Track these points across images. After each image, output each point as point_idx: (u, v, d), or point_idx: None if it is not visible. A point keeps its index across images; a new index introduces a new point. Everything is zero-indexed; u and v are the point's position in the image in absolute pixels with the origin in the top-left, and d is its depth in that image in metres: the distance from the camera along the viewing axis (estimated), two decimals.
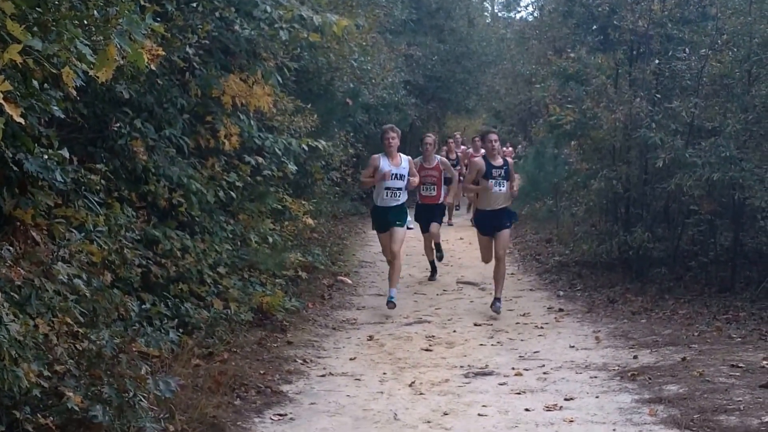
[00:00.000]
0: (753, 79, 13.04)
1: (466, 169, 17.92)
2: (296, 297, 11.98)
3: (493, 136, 13.01)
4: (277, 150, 12.31)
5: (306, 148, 13.16)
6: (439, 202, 15.86)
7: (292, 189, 14.57)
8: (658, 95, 14.63)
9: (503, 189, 12.66)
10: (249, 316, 10.31)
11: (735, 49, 13.34)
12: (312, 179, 16.59)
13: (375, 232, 13.79)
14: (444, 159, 16.65)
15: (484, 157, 13.10)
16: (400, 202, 13.06)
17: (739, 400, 7.65)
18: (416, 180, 13.62)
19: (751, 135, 12.80)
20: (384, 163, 12.96)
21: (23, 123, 5.73)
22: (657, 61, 15.43)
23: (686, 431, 7.09)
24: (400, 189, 12.99)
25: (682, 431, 7.10)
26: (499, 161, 12.78)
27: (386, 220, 13.09)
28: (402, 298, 12.32)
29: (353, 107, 19.13)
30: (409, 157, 13.51)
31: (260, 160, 12.13)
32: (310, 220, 14.67)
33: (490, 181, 12.59)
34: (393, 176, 12.89)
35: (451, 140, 26.07)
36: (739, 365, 8.82)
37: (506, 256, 13.20)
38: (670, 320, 11.66)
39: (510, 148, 29.32)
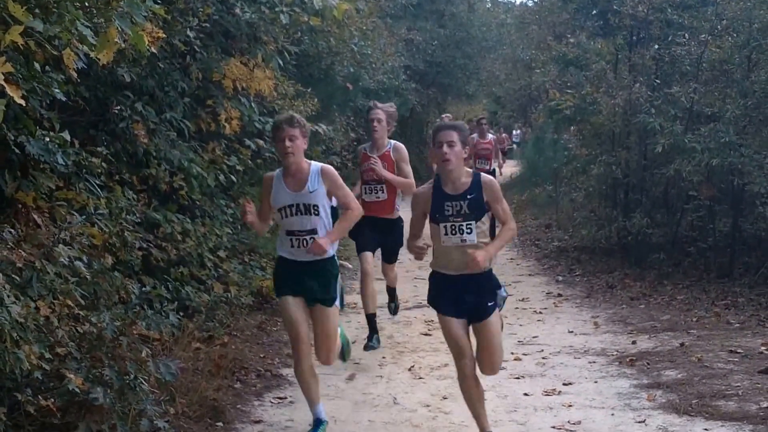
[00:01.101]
0: (752, 65, 13.05)
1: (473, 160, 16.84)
2: None
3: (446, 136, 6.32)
4: None
5: None
6: (394, 215, 9.83)
7: None
8: (658, 80, 14.63)
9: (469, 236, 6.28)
10: (249, 299, 10.33)
11: (735, 35, 13.34)
12: None
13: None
14: (400, 145, 9.87)
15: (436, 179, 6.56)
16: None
17: (738, 386, 7.68)
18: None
19: (750, 120, 12.81)
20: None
21: (25, 105, 5.73)
22: (657, 47, 15.40)
23: (684, 416, 7.13)
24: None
25: (680, 416, 7.13)
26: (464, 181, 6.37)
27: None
28: (402, 283, 12.29)
29: (353, 92, 19.10)
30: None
31: (261, 143, 12.13)
32: None
33: (441, 225, 6.35)
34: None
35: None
36: (738, 351, 8.85)
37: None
38: (668, 306, 11.69)
39: (504, 134, 28.73)
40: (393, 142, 9.77)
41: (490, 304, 6.40)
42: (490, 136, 18.87)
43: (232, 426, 7.01)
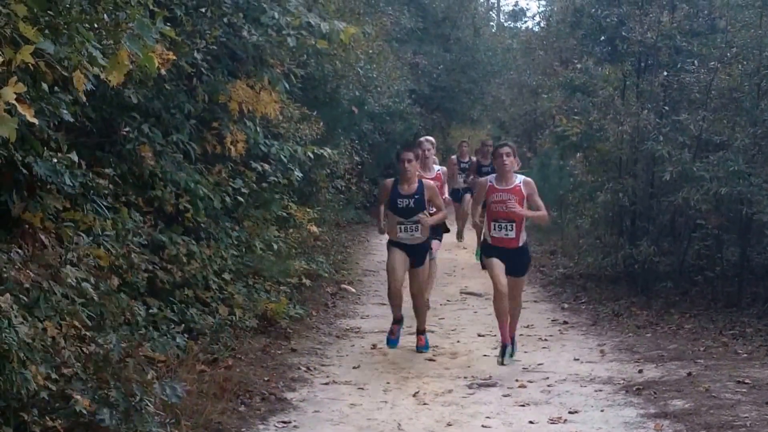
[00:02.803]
0: (762, 93, 13.02)
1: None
2: (300, 304, 11.96)
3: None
4: (282, 157, 12.31)
5: (311, 155, 13.14)
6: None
7: (296, 196, 14.58)
8: (666, 108, 14.62)
9: None
10: (253, 322, 10.31)
11: (744, 63, 13.33)
12: (317, 187, 16.60)
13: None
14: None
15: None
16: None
17: (746, 417, 7.61)
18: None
19: (759, 149, 12.77)
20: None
21: (34, 125, 5.73)
22: (665, 74, 15.41)
23: None
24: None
25: None
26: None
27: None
28: (405, 308, 12.27)
29: (358, 115, 19.15)
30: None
31: (266, 166, 12.13)
32: (314, 228, 14.67)
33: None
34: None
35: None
36: (746, 381, 8.78)
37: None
38: (675, 335, 11.62)
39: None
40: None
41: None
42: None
43: None
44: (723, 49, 13.76)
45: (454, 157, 19.76)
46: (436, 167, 12.55)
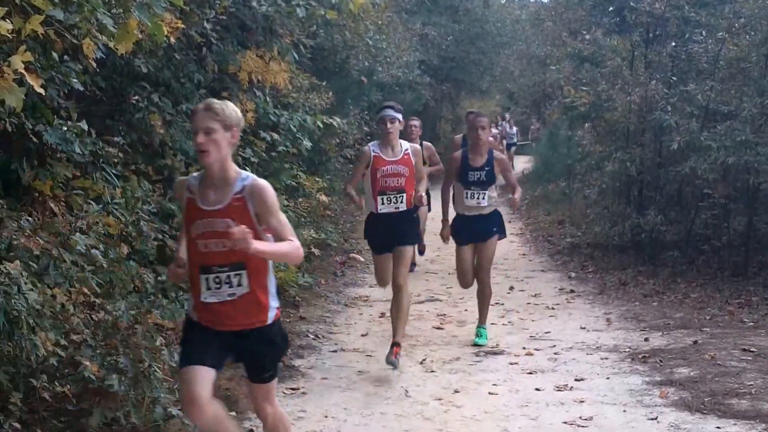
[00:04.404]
0: None
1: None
2: (309, 273, 12.01)
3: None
4: (292, 127, 12.34)
5: (321, 125, 13.16)
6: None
7: (306, 166, 14.61)
8: (674, 78, 14.59)
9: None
10: None
11: (752, 33, 13.30)
12: (326, 156, 16.62)
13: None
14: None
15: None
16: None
17: (751, 384, 7.66)
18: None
19: (766, 119, 12.75)
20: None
21: (42, 94, 5.77)
22: (673, 44, 15.38)
23: (697, 414, 7.10)
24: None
25: (692, 414, 7.11)
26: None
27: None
28: (413, 277, 12.28)
29: (368, 86, 19.14)
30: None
31: (275, 136, 12.15)
32: (323, 197, 14.70)
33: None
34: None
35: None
36: (751, 350, 8.82)
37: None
38: (681, 304, 11.66)
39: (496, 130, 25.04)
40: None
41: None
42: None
43: (245, 416, 7.01)
44: (731, 20, 13.72)
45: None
46: (405, 144, 8.94)
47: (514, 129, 33.42)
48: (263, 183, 4.81)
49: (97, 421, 5.75)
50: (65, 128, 6.94)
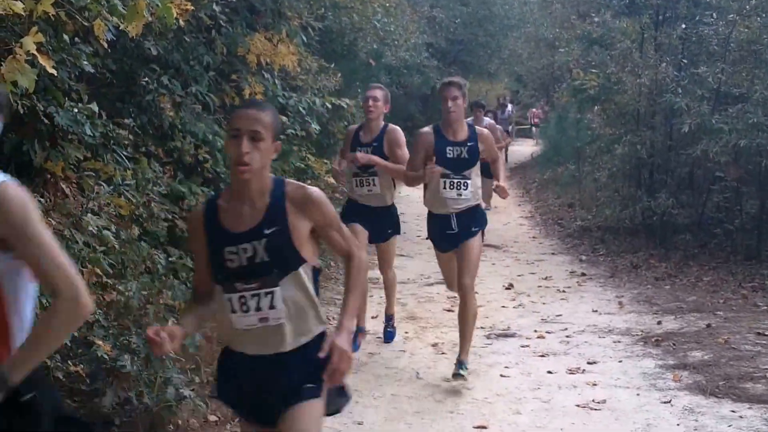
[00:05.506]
0: None
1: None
2: (319, 255, 11.96)
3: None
4: (300, 109, 12.30)
5: (329, 106, 13.13)
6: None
7: (314, 148, 14.55)
8: (685, 60, 14.54)
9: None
10: None
11: (763, 15, 13.24)
12: (335, 139, 16.56)
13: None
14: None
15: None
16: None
17: (766, 368, 7.65)
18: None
19: None
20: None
21: (55, 75, 5.74)
22: (684, 26, 15.30)
23: (711, 398, 7.09)
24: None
25: (707, 398, 7.10)
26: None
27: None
28: (425, 260, 12.23)
29: (376, 68, 19.08)
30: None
31: (284, 119, 12.10)
32: (331, 180, 14.66)
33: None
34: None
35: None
36: (765, 333, 8.81)
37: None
38: (694, 287, 11.63)
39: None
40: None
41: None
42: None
43: None
44: (742, 2, 13.66)
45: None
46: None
47: (510, 106, 33.19)
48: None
49: (110, 401, 5.77)
50: (76, 110, 6.91)
